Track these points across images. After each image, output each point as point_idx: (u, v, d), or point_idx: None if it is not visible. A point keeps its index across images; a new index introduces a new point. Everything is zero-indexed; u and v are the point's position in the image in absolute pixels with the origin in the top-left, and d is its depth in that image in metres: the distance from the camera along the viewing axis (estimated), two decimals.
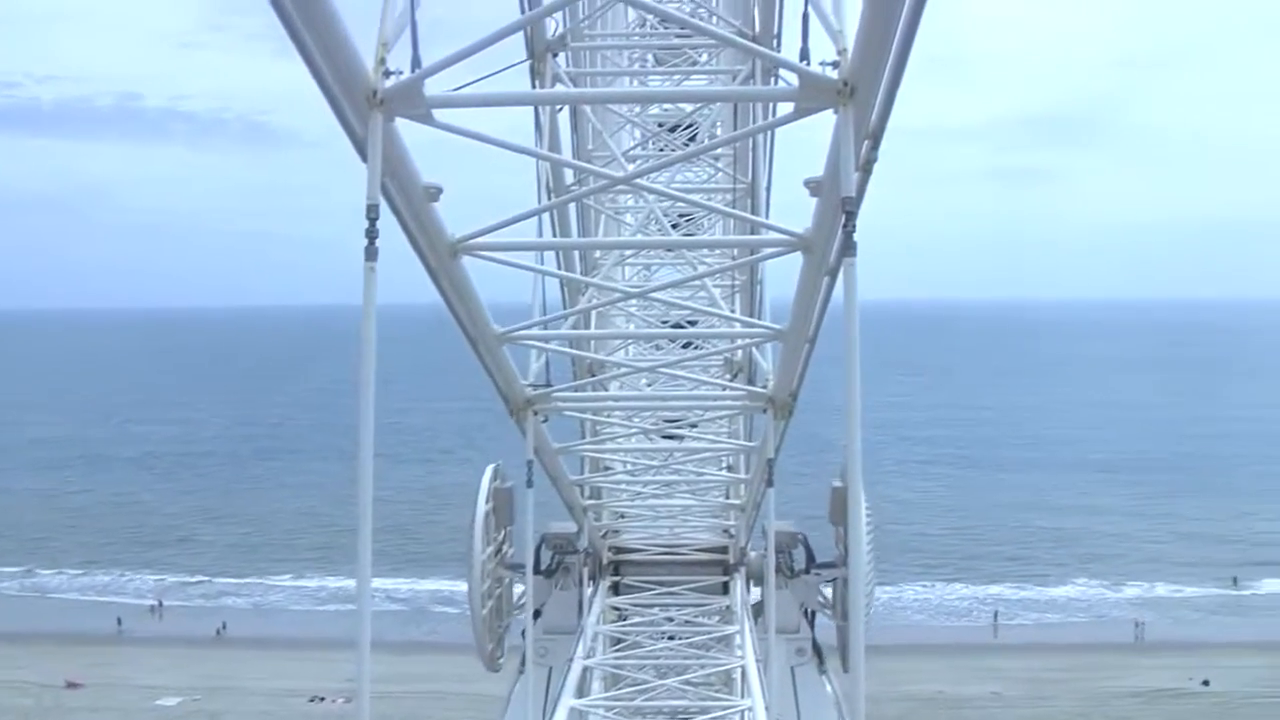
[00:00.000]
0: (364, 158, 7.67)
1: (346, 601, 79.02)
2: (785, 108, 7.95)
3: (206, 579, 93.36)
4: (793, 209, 10.12)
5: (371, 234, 7.62)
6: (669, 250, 17.39)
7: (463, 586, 20.91)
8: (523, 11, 14.34)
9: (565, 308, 16.73)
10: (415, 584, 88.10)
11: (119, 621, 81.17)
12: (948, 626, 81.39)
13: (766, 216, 15.90)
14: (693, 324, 16.88)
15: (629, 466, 18.95)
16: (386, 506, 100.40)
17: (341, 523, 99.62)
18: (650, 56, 18.16)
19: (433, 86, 7.72)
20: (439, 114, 7.79)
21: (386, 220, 8.35)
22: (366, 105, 7.50)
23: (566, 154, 17.15)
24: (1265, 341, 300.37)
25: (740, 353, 17.27)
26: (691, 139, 18.10)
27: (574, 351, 15.82)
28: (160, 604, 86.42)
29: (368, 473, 7.75)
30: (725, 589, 20.65)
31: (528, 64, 15.42)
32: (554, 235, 16.53)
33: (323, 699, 63.85)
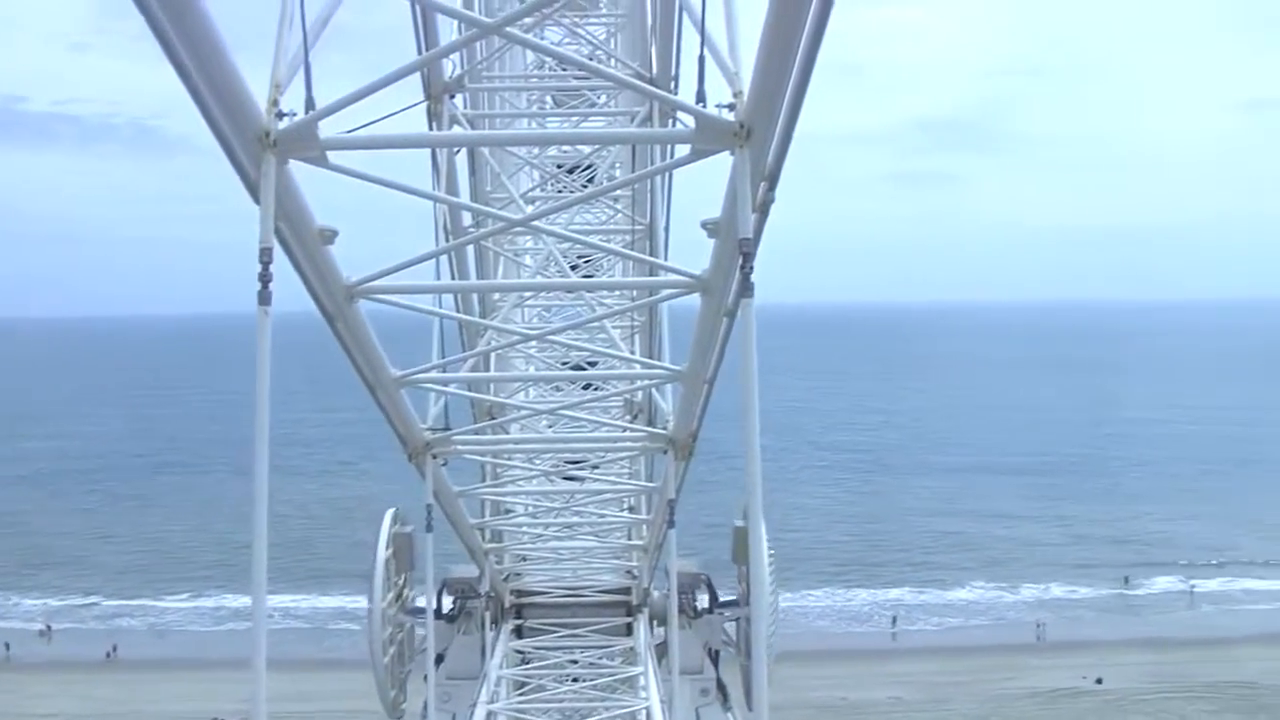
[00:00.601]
0: (256, 200, 7.55)
1: (245, 620, 76.99)
2: (683, 149, 8.01)
3: (99, 600, 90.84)
4: (692, 249, 10.16)
5: (264, 278, 7.50)
6: (569, 292, 17.30)
7: (364, 602, 20.66)
8: (420, 52, 14.24)
9: (464, 350, 16.55)
10: (316, 600, 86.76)
11: (6, 647, 78.55)
12: (850, 632, 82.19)
13: (665, 258, 15.94)
14: (593, 365, 16.81)
15: (530, 509, 18.80)
16: (285, 521, 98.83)
17: (239, 539, 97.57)
18: (549, 98, 18.07)
19: (327, 128, 7.65)
20: (334, 156, 7.73)
21: (280, 262, 8.18)
22: (259, 147, 7.41)
23: (465, 195, 16.97)
24: (1160, 343, 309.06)
25: (641, 394, 17.27)
26: (590, 180, 18.03)
27: (473, 394, 15.67)
28: (49, 628, 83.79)
29: (263, 493, 7.61)
30: (629, 630, 20.57)
31: (425, 105, 15.25)
32: (452, 278, 16.40)
33: None
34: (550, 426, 19.10)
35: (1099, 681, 68.13)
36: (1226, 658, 71.24)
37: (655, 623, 20.87)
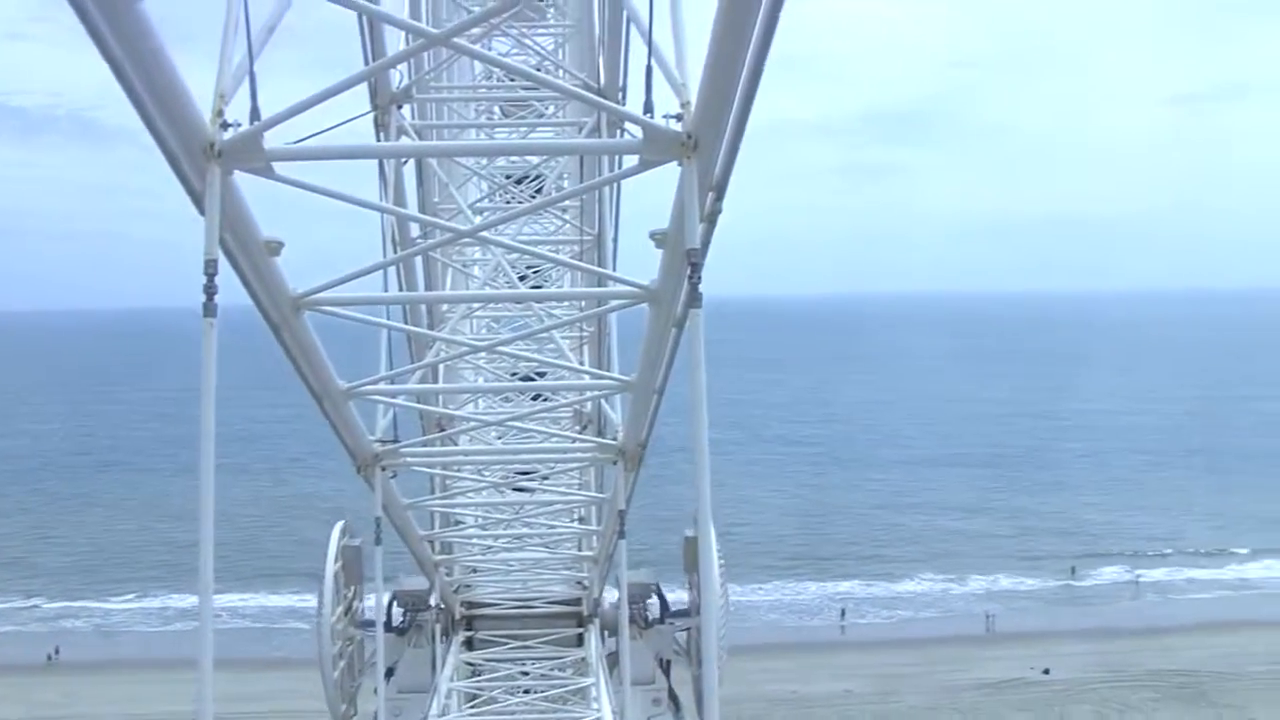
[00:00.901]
0: (201, 211, 7.47)
1: (193, 620, 76.62)
2: (630, 160, 8.02)
3: (41, 602, 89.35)
4: (641, 259, 10.15)
5: (210, 290, 7.43)
6: (517, 303, 17.21)
7: (313, 600, 20.47)
8: (366, 62, 14.12)
9: (412, 361, 16.41)
10: (264, 599, 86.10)
11: None
12: (800, 625, 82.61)
13: (613, 268, 15.89)
14: (542, 376, 16.73)
15: (480, 520, 18.68)
16: (233, 519, 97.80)
17: (185, 538, 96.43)
18: (497, 109, 17.95)
19: (273, 139, 7.60)
20: (279, 167, 7.67)
21: (226, 274, 8.07)
22: (203, 158, 7.34)
23: (412, 206, 16.83)
24: (1107, 334, 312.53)
25: (590, 404, 17.20)
26: (538, 191, 17.92)
27: (422, 406, 15.55)
28: None
29: (209, 492, 7.54)
30: (580, 641, 20.53)
31: (372, 115, 15.10)
32: (400, 289, 16.26)
33: None
34: (500, 438, 18.99)
35: (1046, 672, 68.98)
36: (1169, 647, 72.43)
37: (606, 633, 20.85)
